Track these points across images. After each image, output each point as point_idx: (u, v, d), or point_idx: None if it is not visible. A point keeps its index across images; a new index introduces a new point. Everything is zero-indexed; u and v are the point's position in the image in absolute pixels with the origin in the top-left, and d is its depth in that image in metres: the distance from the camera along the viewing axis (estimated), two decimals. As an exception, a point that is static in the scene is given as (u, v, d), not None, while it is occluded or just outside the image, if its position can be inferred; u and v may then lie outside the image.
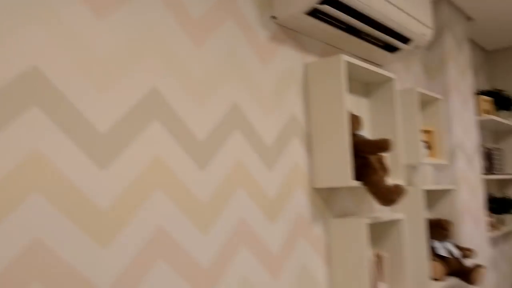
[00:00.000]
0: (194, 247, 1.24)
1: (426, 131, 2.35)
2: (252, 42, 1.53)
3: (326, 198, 1.78)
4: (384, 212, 2.05)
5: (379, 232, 1.95)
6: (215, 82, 1.37)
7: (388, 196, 1.68)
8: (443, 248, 2.29)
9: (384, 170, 1.76)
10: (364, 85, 2.07)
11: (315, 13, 1.62)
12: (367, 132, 2.03)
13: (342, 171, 1.65)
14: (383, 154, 1.83)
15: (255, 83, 1.52)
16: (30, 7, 0.96)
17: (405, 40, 2.01)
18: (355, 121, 1.76)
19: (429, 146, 2.33)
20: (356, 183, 1.66)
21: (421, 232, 2.08)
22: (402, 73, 2.45)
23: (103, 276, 1.03)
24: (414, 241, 2.08)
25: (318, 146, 1.71)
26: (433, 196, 2.46)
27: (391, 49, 2.05)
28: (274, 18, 1.63)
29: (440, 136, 2.37)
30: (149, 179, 1.15)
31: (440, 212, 2.43)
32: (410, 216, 2.10)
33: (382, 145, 1.66)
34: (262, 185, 1.49)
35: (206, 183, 1.30)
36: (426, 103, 2.41)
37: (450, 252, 2.28)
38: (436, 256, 2.28)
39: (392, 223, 1.91)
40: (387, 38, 1.93)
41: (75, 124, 1.01)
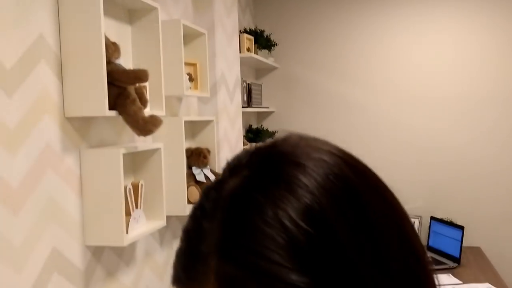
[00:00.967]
0: None
1: (191, 64, 2.42)
2: None
3: (81, 128, 1.70)
4: (145, 142, 2.08)
5: (138, 161, 1.98)
6: None
7: (145, 126, 1.70)
8: (201, 174, 2.48)
9: (142, 101, 1.76)
10: (127, 11, 1.98)
11: None
12: (129, 61, 1.97)
13: (97, 100, 1.58)
14: (142, 85, 1.82)
15: (-13, -7, 1.29)
16: None
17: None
18: (113, 48, 1.68)
19: (192, 79, 2.42)
20: (112, 113, 1.63)
21: (180, 160, 2.20)
22: (170, 3, 2.43)
23: None
24: (173, 168, 2.19)
25: (71, 72, 1.59)
26: (196, 127, 2.60)
27: (156, -24, 1.99)
28: None
29: (203, 69, 2.48)
30: None
31: (201, 141, 2.60)
32: (170, 146, 2.18)
33: (140, 75, 1.65)
34: (-2, 113, 1.32)
35: None
36: (191, 36, 2.46)
37: (207, 177, 2.49)
38: (195, 181, 2.46)
39: (151, 152, 1.96)
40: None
41: None
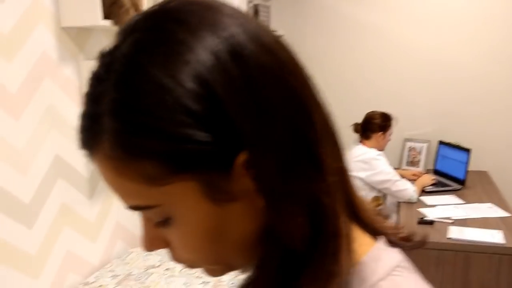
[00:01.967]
0: None
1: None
2: None
3: (78, 39, 1.70)
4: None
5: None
6: None
7: (140, 37, 1.69)
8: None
9: (138, 11, 1.74)
10: None
11: None
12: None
13: (90, 9, 1.57)
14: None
15: None
16: None
17: None
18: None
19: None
20: (106, 23, 1.62)
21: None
22: None
23: None
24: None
25: (64, -19, 1.57)
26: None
27: None
28: None
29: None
30: None
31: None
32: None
33: (132, -18, 1.61)
34: (-10, 17, 1.33)
35: None
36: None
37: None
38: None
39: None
40: None
41: None
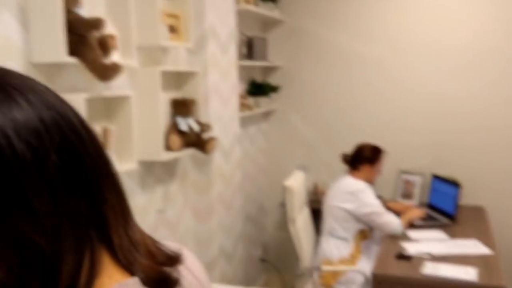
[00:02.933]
0: None
1: (173, 16, 2.49)
2: None
3: (49, 74, 1.83)
4: (121, 89, 2.19)
5: (111, 108, 2.10)
6: None
7: (104, 72, 1.80)
8: (184, 123, 2.59)
9: (105, 48, 1.86)
10: (99, -38, 2.06)
11: None
12: (101, 10, 2.06)
13: (56, 47, 1.70)
14: (108, 34, 1.91)
15: None
16: None
17: None
18: (73, -2, 1.77)
19: (174, 30, 2.49)
20: (71, 59, 1.74)
21: (156, 108, 2.30)
22: (155, -46, 2.47)
23: None
24: (150, 117, 2.31)
25: (33, 20, 1.71)
26: (182, 78, 2.69)
27: None
28: None
29: (187, 21, 2.54)
30: None
31: (188, 92, 2.70)
32: (147, 94, 2.29)
33: (94, 23, 1.74)
34: (-46, 56, 1.46)
35: None
36: (175, -12, 2.52)
37: (190, 127, 2.60)
38: (178, 130, 2.57)
39: (122, 99, 2.08)
40: None
41: None
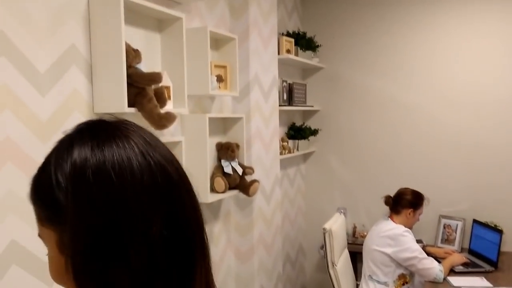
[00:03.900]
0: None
1: (221, 66, 2.66)
2: (22, -28, 1.60)
3: (109, 122, 1.99)
4: (173, 136, 2.35)
5: (163, 152, 2.24)
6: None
7: (159, 121, 1.96)
8: (229, 166, 2.71)
9: (161, 99, 2.03)
10: (157, 21, 2.26)
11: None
12: (158, 64, 2.25)
13: (118, 99, 1.87)
14: (163, 85, 2.09)
15: (25, 12, 1.61)
16: None
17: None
18: (134, 54, 1.96)
19: (222, 79, 2.66)
20: (131, 110, 1.90)
21: (203, 153, 2.44)
22: (205, 11, 2.68)
23: None
24: (198, 160, 2.44)
25: (98, 75, 1.90)
26: (227, 123, 2.84)
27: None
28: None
29: (233, 71, 2.71)
30: None
31: (232, 137, 2.83)
32: (196, 139, 2.44)
33: (153, 77, 1.91)
34: (32, 108, 1.65)
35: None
36: (223, 41, 2.70)
37: (234, 170, 2.72)
38: (223, 173, 2.69)
39: (173, 145, 2.23)
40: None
41: None
